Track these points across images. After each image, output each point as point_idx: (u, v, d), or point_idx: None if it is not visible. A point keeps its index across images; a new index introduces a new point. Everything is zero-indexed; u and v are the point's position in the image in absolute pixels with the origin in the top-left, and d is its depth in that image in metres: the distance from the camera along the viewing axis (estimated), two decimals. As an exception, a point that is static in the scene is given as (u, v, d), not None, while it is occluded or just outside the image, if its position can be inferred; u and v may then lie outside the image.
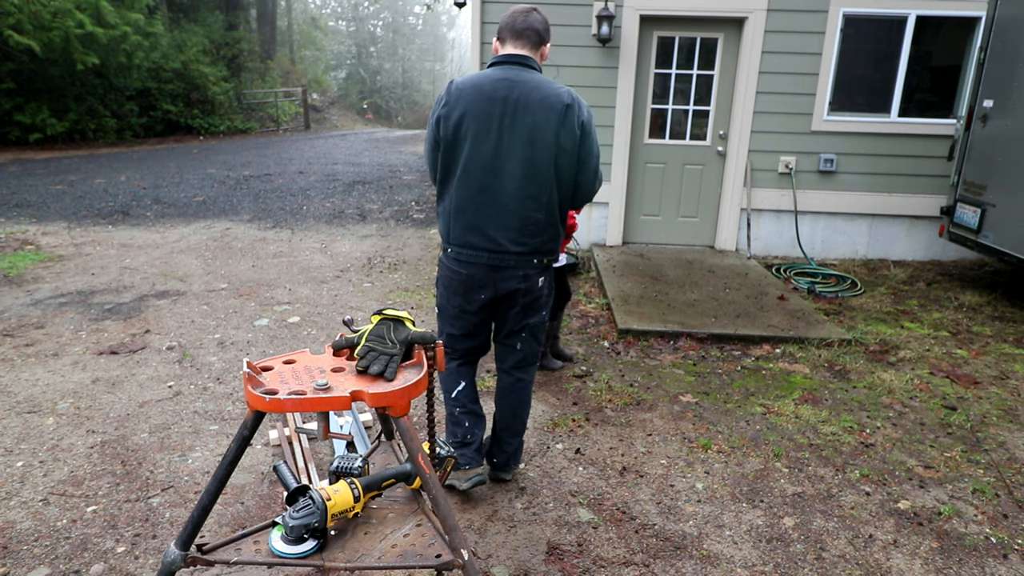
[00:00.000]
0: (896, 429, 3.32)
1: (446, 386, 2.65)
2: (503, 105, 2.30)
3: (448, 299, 2.54)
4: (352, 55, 35.73)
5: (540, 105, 2.30)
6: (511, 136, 2.31)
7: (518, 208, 2.36)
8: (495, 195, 2.35)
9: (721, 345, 4.36)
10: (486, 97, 2.31)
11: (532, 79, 2.35)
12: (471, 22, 6.26)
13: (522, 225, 2.38)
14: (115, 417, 3.24)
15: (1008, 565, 2.37)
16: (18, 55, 12.89)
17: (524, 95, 2.31)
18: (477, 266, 2.42)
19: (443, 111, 2.36)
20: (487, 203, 2.36)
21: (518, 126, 2.30)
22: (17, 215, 7.54)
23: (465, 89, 2.34)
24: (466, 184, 2.37)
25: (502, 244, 2.38)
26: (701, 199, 6.67)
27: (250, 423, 1.63)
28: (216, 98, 17.77)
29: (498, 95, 2.31)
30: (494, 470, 2.80)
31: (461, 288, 2.47)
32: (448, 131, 2.35)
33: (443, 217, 2.46)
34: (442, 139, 2.37)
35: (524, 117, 2.30)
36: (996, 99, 5.17)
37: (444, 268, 2.51)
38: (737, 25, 6.19)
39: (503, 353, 2.68)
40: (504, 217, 2.36)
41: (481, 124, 2.31)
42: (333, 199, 9.05)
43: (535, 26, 2.42)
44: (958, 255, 6.63)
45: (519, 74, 2.35)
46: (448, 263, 2.48)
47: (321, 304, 4.91)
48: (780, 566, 2.33)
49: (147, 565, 2.26)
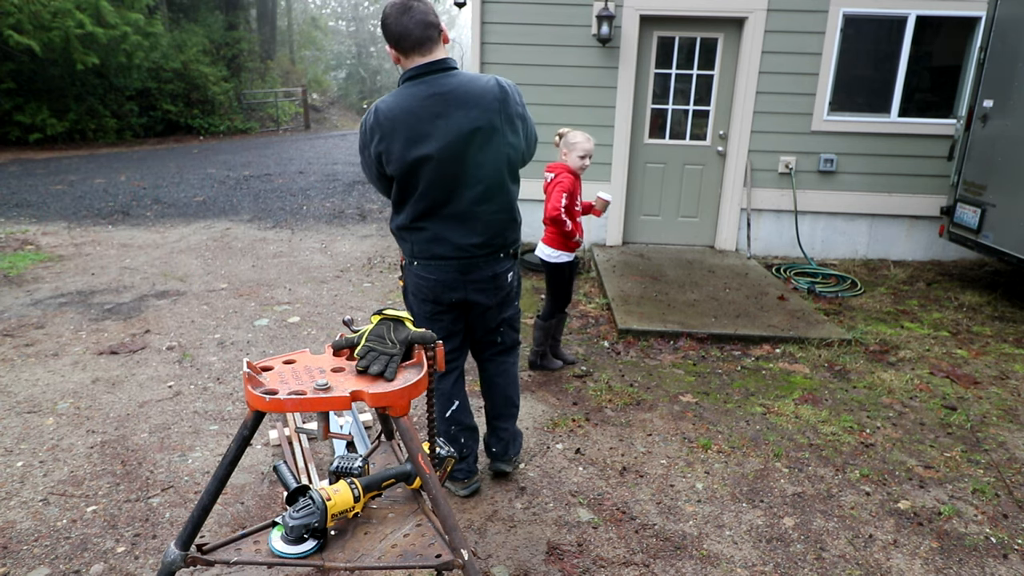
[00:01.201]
0: (896, 429, 3.32)
1: (440, 405, 2.59)
2: (442, 124, 2.18)
3: (420, 304, 2.48)
4: (352, 55, 35.73)
5: (477, 110, 2.21)
6: (458, 150, 2.22)
7: (478, 213, 2.33)
8: (454, 208, 2.30)
9: (721, 345, 4.36)
10: (422, 121, 2.18)
11: (457, 84, 2.20)
12: (471, 22, 6.26)
13: (484, 228, 2.36)
14: (115, 417, 3.24)
15: (1008, 565, 2.37)
16: (18, 55, 12.90)
17: (457, 105, 2.19)
18: (447, 272, 2.39)
19: (380, 147, 2.22)
20: (448, 216, 2.31)
21: (463, 140, 2.21)
22: (17, 215, 7.54)
23: (398, 118, 2.18)
24: (424, 204, 2.29)
25: (467, 250, 2.36)
26: (701, 199, 6.67)
27: (250, 423, 1.63)
28: (216, 98, 17.78)
29: (432, 115, 2.18)
30: (494, 461, 2.79)
31: (433, 294, 2.43)
32: (392, 164, 2.24)
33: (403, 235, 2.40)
34: (389, 172, 2.28)
35: (465, 129, 2.20)
36: (996, 99, 5.17)
37: (412, 276, 2.45)
38: (737, 25, 6.19)
39: (483, 347, 2.68)
40: (466, 224, 2.33)
41: (427, 148, 2.19)
42: (333, 199, 9.06)
43: (426, 20, 2.17)
44: (958, 255, 6.63)
45: (443, 84, 2.20)
46: (415, 271, 2.43)
47: (321, 304, 4.91)
48: (780, 566, 2.33)
49: (147, 565, 2.26)
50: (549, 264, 3.66)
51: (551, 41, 6.22)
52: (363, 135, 2.29)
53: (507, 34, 6.22)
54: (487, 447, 2.79)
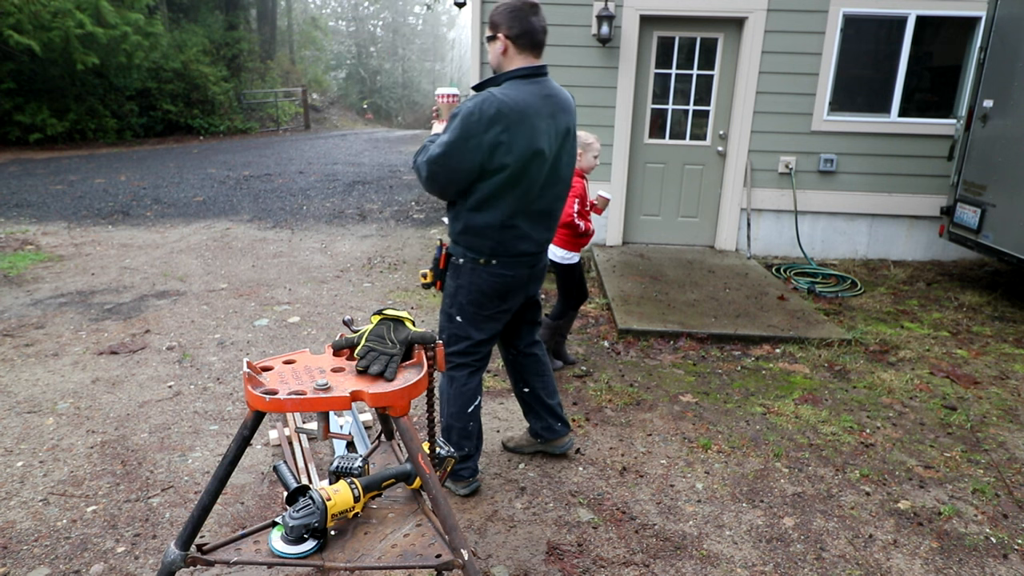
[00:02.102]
0: (896, 429, 3.32)
1: (463, 400, 2.59)
2: (552, 124, 2.33)
3: (483, 305, 2.49)
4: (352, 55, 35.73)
5: (570, 117, 2.42)
6: (557, 150, 2.38)
7: (555, 211, 2.50)
8: (540, 204, 2.42)
9: (721, 345, 4.36)
10: (541, 118, 2.29)
11: (556, 89, 2.39)
12: (471, 22, 6.26)
13: (555, 224, 2.55)
14: (115, 417, 3.24)
15: (1008, 565, 2.37)
16: (18, 55, 12.90)
17: (561, 110, 2.37)
18: (522, 269, 2.48)
19: (502, 136, 2.21)
20: (536, 213, 2.42)
21: (560, 140, 2.38)
22: (17, 215, 7.54)
23: (524, 111, 2.24)
24: (521, 201, 2.36)
25: (542, 245, 2.51)
26: (701, 199, 6.67)
27: (250, 423, 1.63)
28: (216, 98, 17.77)
29: (547, 114, 2.31)
30: (560, 438, 2.92)
31: (505, 291, 2.48)
32: (512, 155, 2.25)
33: (486, 232, 2.38)
34: (501, 163, 2.25)
35: (562, 130, 2.38)
36: (996, 99, 5.17)
37: (482, 275, 2.44)
38: (737, 25, 6.19)
39: (527, 333, 2.81)
40: (545, 221, 2.48)
41: (541, 144, 2.29)
42: (333, 199, 9.06)
43: (546, 26, 2.37)
44: (958, 255, 6.63)
45: (550, 87, 2.36)
46: (489, 271, 2.43)
47: (321, 304, 4.91)
48: (780, 566, 2.33)
49: (147, 565, 2.26)
50: (562, 265, 3.69)
51: (551, 41, 6.21)
52: (474, 123, 2.19)
53: (507, 34, 6.21)
54: (548, 429, 2.89)
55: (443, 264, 2.54)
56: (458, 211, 2.41)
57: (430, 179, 2.31)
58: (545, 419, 2.89)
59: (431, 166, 2.28)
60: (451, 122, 2.25)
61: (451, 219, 2.47)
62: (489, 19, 2.38)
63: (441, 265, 2.55)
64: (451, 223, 2.47)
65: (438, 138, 2.31)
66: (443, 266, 2.55)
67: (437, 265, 2.55)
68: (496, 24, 2.33)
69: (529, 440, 2.99)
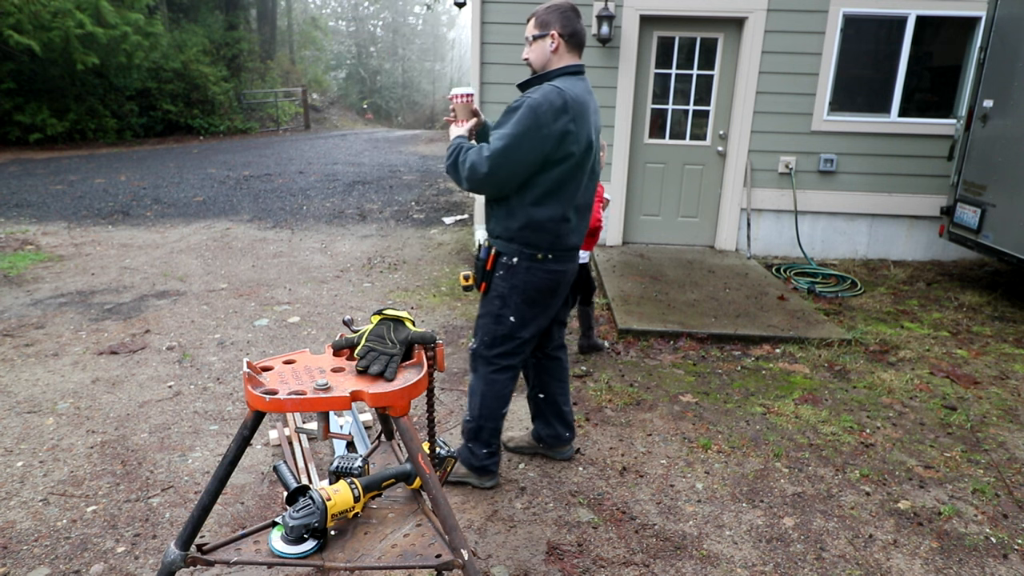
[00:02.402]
0: (896, 429, 3.32)
1: (501, 402, 2.60)
2: (596, 119, 2.46)
3: (536, 303, 2.51)
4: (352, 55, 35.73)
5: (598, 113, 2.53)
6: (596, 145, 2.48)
7: (592, 206, 2.58)
8: (584, 198, 2.50)
9: (721, 345, 4.36)
10: (591, 112, 2.41)
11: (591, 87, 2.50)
12: (471, 22, 6.26)
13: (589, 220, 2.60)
14: (115, 417, 3.24)
15: (1008, 565, 2.37)
16: (18, 55, 12.90)
17: (597, 108, 2.50)
18: (571, 263, 2.55)
19: (571, 126, 2.29)
20: (581, 207, 2.49)
21: (597, 136, 2.50)
22: (17, 215, 7.54)
23: (584, 104, 2.35)
24: (576, 194, 2.43)
25: (583, 239, 2.57)
26: (701, 199, 6.67)
27: (250, 423, 1.63)
28: (216, 98, 17.77)
29: (593, 110, 2.43)
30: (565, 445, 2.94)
31: (557, 287, 2.52)
32: (579, 144, 2.34)
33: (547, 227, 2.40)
34: (568, 152, 2.32)
35: (598, 126, 2.50)
36: (996, 99, 5.17)
37: (538, 273, 2.45)
38: (737, 25, 6.19)
39: (557, 333, 2.85)
40: (586, 216, 2.55)
41: (593, 137, 2.41)
42: (333, 199, 9.06)
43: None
44: (958, 255, 6.63)
45: (589, 84, 2.47)
46: (545, 267, 2.45)
47: (321, 304, 4.91)
48: (780, 566, 2.33)
49: (147, 565, 2.26)
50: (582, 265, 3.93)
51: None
52: (544, 113, 2.24)
53: (507, 34, 6.22)
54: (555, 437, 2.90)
55: (491, 265, 2.49)
56: (513, 207, 2.40)
57: (491, 174, 2.28)
58: (555, 427, 2.89)
59: (494, 160, 2.26)
60: (510, 116, 2.28)
61: (502, 216, 2.43)
62: (537, 19, 2.43)
63: (489, 266, 2.49)
64: (502, 220, 2.44)
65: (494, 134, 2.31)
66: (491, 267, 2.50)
67: (483, 267, 2.50)
68: (547, 23, 2.40)
69: (531, 443, 2.99)
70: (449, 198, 9.42)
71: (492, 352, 2.56)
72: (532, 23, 2.45)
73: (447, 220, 7.95)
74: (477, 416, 2.62)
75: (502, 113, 2.36)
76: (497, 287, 2.50)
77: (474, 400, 2.63)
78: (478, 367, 2.62)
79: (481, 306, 2.59)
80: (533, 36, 2.44)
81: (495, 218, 2.48)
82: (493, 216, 2.49)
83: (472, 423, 2.64)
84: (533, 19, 2.45)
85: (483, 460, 2.68)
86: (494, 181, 2.33)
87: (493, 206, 2.48)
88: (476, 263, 2.55)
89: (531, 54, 2.47)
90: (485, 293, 2.55)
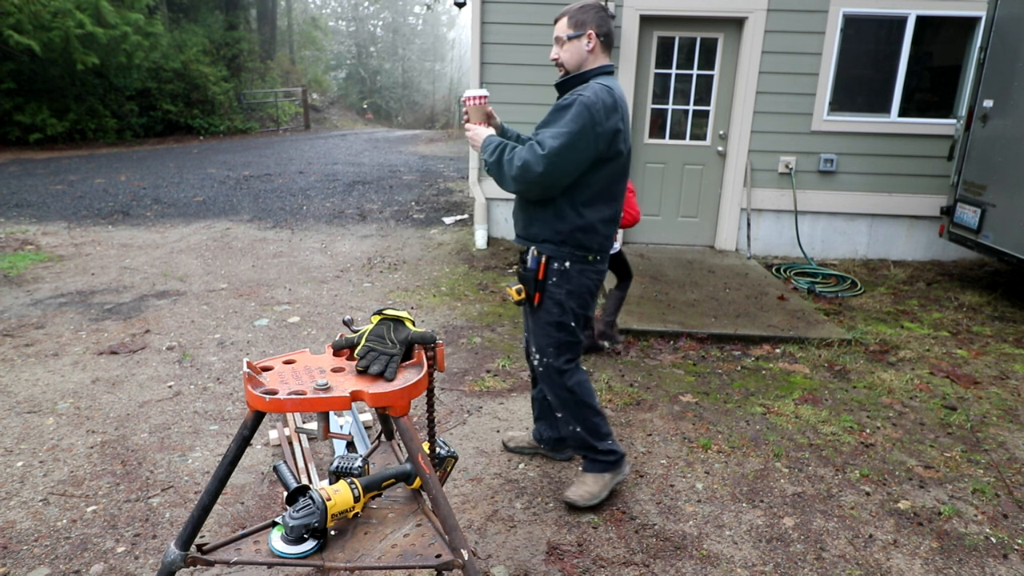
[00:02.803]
0: (896, 429, 3.32)
1: (591, 390, 2.58)
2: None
3: (587, 305, 2.50)
4: (352, 55, 35.74)
5: None
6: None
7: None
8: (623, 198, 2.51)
9: (721, 345, 4.36)
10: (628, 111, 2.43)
11: None
12: (471, 22, 6.26)
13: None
14: (115, 417, 3.24)
15: (1008, 565, 2.37)
16: (18, 55, 12.90)
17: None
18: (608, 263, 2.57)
19: (620, 124, 2.30)
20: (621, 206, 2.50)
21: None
22: (17, 215, 7.54)
23: (626, 102, 2.37)
24: (621, 194, 2.43)
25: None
26: (701, 199, 6.67)
27: (250, 423, 1.63)
28: (216, 98, 17.78)
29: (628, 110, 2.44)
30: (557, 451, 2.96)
31: (599, 287, 2.53)
32: (622, 145, 2.34)
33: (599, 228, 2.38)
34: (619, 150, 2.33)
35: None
36: (996, 99, 5.17)
37: (590, 275, 2.43)
38: (737, 25, 6.19)
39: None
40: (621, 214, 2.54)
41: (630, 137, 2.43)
42: (333, 199, 9.06)
43: None
44: (958, 255, 6.63)
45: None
46: (595, 268, 2.45)
47: (321, 304, 4.91)
48: (780, 566, 2.33)
49: (147, 565, 2.26)
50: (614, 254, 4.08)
51: (551, 41, 6.21)
52: (598, 111, 2.23)
53: (507, 34, 6.22)
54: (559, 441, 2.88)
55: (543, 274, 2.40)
56: (562, 209, 2.34)
57: (546, 173, 2.22)
58: (558, 429, 2.86)
59: (551, 159, 2.20)
60: (562, 113, 2.25)
61: (549, 219, 2.36)
62: (571, 19, 2.39)
63: (541, 275, 2.40)
64: (550, 223, 2.37)
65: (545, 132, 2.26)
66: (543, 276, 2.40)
67: (535, 277, 2.41)
68: (583, 23, 2.37)
69: (531, 443, 2.98)
70: (449, 198, 9.42)
71: (561, 360, 2.50)
72: (565, 23, 2.40)
73: (447, 220, 7.95)
74: (581, 420, 2.55)
75: (550, 111, 2.32)
76: (553, 294, 2.42)
77: (568, 413, 2.56)
78: (555, 379, 2.52)
79: (534, 319, 2.50)
80: (568, 36, 2.39)
81: (540, 221, 2.39)
82: (537, 220, 2.40)
83: (580, 430, 2.56)
84: (565, 19, 2.40)
85: (612, 447, 2.60)
86: (547, 181, 2.26)
87: (535, 209, 2.39)
88: (524, 274, 2.44)
89: (564, 54, 2.42)
90: (539, 304, 2.45)
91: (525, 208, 2.45)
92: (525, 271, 2.44)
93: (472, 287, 5.40)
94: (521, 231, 2.50)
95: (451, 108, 30.81)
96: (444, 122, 28.17)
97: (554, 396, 2.57)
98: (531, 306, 2.50)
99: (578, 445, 2.62)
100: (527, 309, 2.58)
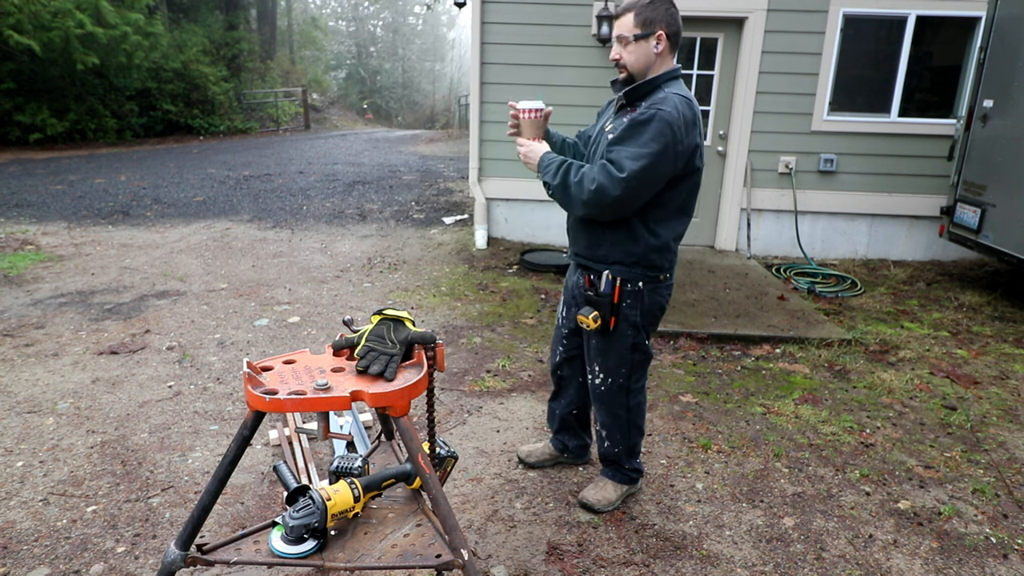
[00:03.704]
0: (896, 429, 3.32)
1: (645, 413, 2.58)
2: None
3: (657, 322, 2.44)
4: (352, 55, 35.74)
5: None
6: None
7: None
8: None
9: (721, 345, 4.36)
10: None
11: None
12: (471, 22, 6.26)
13: None
14: (115, 417, 3.24)
15: (1008, 565, 2.37)
16: (18, 55, 12.90)
17: None
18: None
19: (698, 139, 2.14)
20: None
21: None
22: (17, 215, 7.54)
23: (700, 113, 2.18)
24: (693, 208, 2.31)
25: None
26: (701, 199, 6.66)
27: (250, 423, 1.63)
28: (216, 98, 17.77)
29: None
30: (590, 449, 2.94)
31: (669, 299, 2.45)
32: (699, 160, 2.19)
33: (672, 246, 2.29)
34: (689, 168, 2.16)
35: None
36: (996, 99, 5.17)
37: (662, 292, 2.36)
38: (737, 25, 6.19)
39: None
40: None
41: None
42: (333, 199, 9.06)
43: None
44: (958, 255, 6.63)
45: None
46: (666, 285, 2.36)
47: (321, 304, 4.91)
48: (780, 566, 2.33)
49: (147, 565, 2.26)
50: None
51: (551, 41, 6.22)
52: (679, 129, 2.07)
53: (507, 34, 6.22)
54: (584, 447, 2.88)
55: (618, 297, 2.28)
56: (636, 230, 2.21)
57: (624, 198, 2.08)
58: (583, 437, 2.86)
59: (630, 182, 2.05)
60: (639, 130, 2.07)
61: (622, 240, 2.23)
62: (638, 15, 2.13)
63: (616, 299, 2.28)
64: (622, 245, 2.23)
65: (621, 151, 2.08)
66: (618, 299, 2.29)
67: (611, 301, 2.27)
68: (652, 21, 2.12)
69: (553, 454, 2.89)
70: (449, 198, 9.42)
71: (634, 380, 2.45)
72: (631, 21, 2.14)
73: (447, 220, 7.95)
74: (626, 440, 2.53)
75: (625, 126, 2.10)
76: (628, 317, 2.31)
77: (617, 432, 2.52)
78: (619, 398, 2.46)
79: (604, 342, 2.38)
80: (634, 36, 2.14)
81: (610, 243, 2.25)
82: (606, 241, 2.26)
83: (619, 448, 2.55)
84: (631, 16, 2.13)
85: (639, 466, 2.65)
86: (623, 206, 2.11)
87: (604, 230, 2.25)
88: (598, 299, 2.28)
89: (629, 57, 2.18)
90: (614, 328, 2.33)
91: (590, 228, 2.29)
92: (599, 296, 2.28)
93: (472, 287, 5.40)
94: (584, 251, 2.34)
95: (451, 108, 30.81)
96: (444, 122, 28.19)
97: (609, 414, 2.50)
98: (604, 331, 2.35)
99: (610, 458, 2.61)
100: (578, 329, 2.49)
